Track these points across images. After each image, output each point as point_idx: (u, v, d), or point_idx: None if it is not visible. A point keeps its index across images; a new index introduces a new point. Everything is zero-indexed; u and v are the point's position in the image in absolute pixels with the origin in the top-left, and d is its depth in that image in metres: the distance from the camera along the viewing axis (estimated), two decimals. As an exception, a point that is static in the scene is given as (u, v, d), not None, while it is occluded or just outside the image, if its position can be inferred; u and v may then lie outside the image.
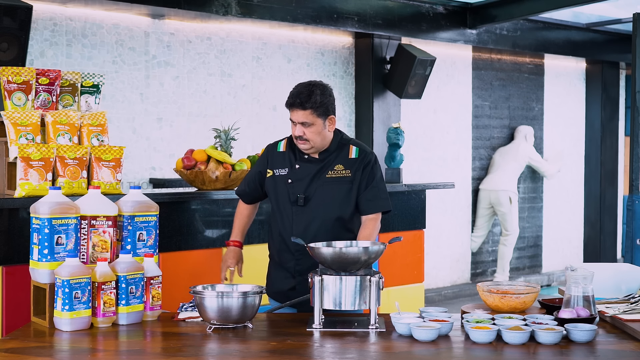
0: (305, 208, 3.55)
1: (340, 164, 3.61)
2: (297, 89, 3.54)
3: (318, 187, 3.56)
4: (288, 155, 3.65)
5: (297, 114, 3.52)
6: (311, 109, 3.50)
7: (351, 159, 3.62)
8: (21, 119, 3.63)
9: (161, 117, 7.01)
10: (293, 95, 3.53)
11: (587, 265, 3.55)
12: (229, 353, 2.77)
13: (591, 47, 10.03)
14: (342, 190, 3.57)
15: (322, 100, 3.52)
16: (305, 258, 3.51)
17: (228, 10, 6.70)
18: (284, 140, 3.72)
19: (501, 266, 9.44)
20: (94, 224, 3.25)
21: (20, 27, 5.47)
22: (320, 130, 3.55)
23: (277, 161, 3.66)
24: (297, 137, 3.55)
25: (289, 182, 3.59)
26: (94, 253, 3.24)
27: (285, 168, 3.63)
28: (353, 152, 3.65)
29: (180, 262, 4.16)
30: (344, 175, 3.59)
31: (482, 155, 9.55)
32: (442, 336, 2.91)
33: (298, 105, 3.51)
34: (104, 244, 3.26)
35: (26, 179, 3.54)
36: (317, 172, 3.58)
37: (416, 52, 7.99)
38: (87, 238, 3.23)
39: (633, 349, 2.74)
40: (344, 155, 3.63)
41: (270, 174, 3.65)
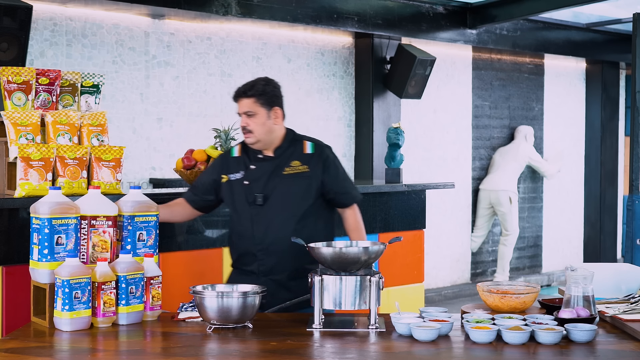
0: (265, 207, 3.55)
1: (297, 160, 3.61)
2: (247, 82, 3.63)
3: (276, 184, 3.56)
4: (242, 158, 3.66)
5: (241, 103, 3.57)
6: (254, 96, 3.55)
7: (307, 154, 3.64)
8: (21, 119, 3.63)
9: (161, 117, 7.01)
10: (238, 87, 3.60)
11: (587, 265, 3.55)
12: (229, 353, 2.77)
13: (591, 47, 10.03)
14: (301, 186, 3.57)
15: (264, 89, 3.58)
16: (268, 258, 3.53)
17: (228, 10, 6.70)
18: (238, 145, 3.73)
19: (501, 266, 9.44)
20: (94, 224, 3.25)
21: (20, 27, 5.48)
22: (264, 121, 3.57)
23: (232, 166, 3.66)
24: (242, 130, 3.58)
25: (246, 183, 3.59)
26: (94, 253, 3.24)
27: (240, 171, 3.63)
28: (308, 147, 3.66)
29: (180, 262, 4.16)
30: (302, 170, 3.60)
31: (482, 155, 9.55)
32: (442, 336, 2.91)
33: (242, 93, 3.56)
34: (104, 244, 3.26)
35: (26, 179, 3.54)
36: (274, 170, 3.58)
37: (416, 52, 7.99)
38: (87, 238, 3.23)
39: (633, 349, 2.74)
40: (299, 151, 3.64)
41: (225, 179, 3.65)
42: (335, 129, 8.11)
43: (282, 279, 3.56)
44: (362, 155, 8.20)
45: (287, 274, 3.56)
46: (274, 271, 3.56)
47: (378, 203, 5.16)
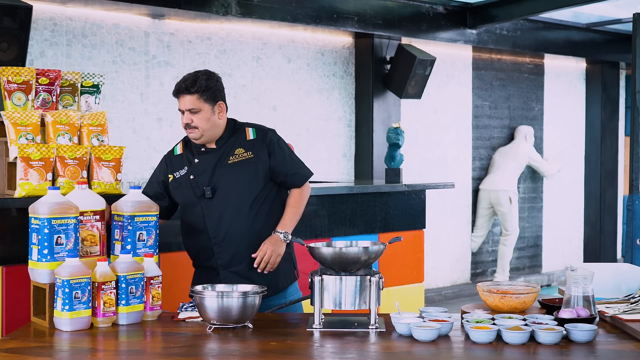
0: (215, 199, 3.52)
1: (240, 148, 3.57)
2: (183, 77, 3.54)
3: (222, 175, 3.53)
4: (185, 155, 3.63)
5: (183, 100, 3.50)
6: (197, 93, 3.48)
7: (250, 141, 3.60)
8: (21, 119, 3.63)
9: (161, 117, 7.01)
10: (178, 83, 3.52)
11: (587, 265, 3.55)
12: (229, 353, 2.77)
13: (591, 47, 10.03)
14: (248, 173, 3.54)
15: (208, 84, 3.51)
16: (225, 250, 3.50)
17: (228, 10, 6.70)
18: (180, 143, 3.70)
19: (501, 266, 9.44)
20: (82, 219, 3.25)
21: (20, 27, 5.48)
22: (209, 116, 3.52)
23: (176, 164, 3.64)
24: (185, 126, 3.53)
25: (191, 178, 3.56)
26: (83, 247, 3.25)
27: (184, 167, 3.60)
28: (250, 133, 3.62)
29: (180, 262, 4.16)
30: (246, 157, 3.56)
31: (482, 155, 9.55)
32: (442, 336, 2.91)
33: (184, 90, 3.49)
34: (92, 238, 3.27)
35: (26, 179, 3.54)
36: (218, 161, 3.55)
37: (416, 52, 7.99)
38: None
39: (633, 349, 2.74)
40: (242, 138, 3.60)
41: (171, 178, 3.63)
42: (335, 129, 8.11)
43: (241, 270, 3.52)
44: (362, 155, 8.20)
45: (246, 264, 3.51)
46: (233, 263, 3.53)
47: (378, 203, 5.16)
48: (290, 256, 3.68)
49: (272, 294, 3.54)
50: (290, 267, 3.68)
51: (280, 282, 3.61)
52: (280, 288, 3.61)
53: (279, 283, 3.60)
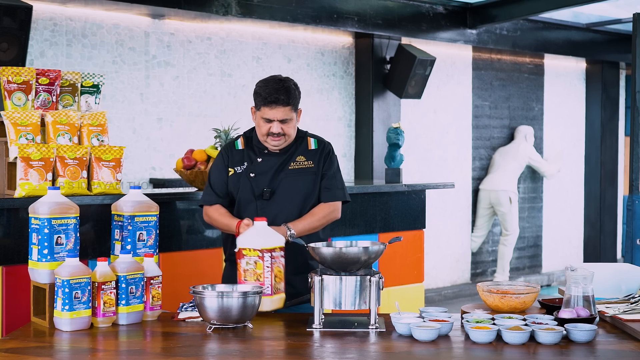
0: (271, 201, 3.52)
1: (302, 156, 3.59)
2: (273, 86, 3.47)
3: (282, 179, 3.54)
4: (247, 152, 3.61)
5: (277, 111, 3.46)
6: (292, 105, 3.49)
7: (311, 150, 3.62)
8: (21, 119, 3.63)
9: (161, 117, 7.01)
10: (272, 92, 3.46)
11: (587, 265, 3.55)
12: (229, 353, 2.77)
13: (591, 47, 10.03)
14: (307, 181, 3.55)
15: (298, 94, 3.53)
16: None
17: (228, 10, 6.70)
18: (240, 138, 3.67)
19: (501, 266, 9.44)
20: (273, 255, 3.24)
21: (20, 27, 5.48)
22: (295, 124, 3.55)
23: (236, 159, 3.60)
24: (271, 135, 3.49)
25: (252, 176, 3.55)
26: (275, 284, 3.24)
27: (244, 163, 3.58)
28: (312, 143, 3.65)
29: (180, 262, 4.16)
30: (307, 166, 3.58)
31: (482, 155, 9.55)
32: (442, 336, 2.91)
33: (282, 102, 3.45)
34: (280, 274, 3.26)
35: (26, 179, 3.54)
36: (280, 165, 3.55)
37: (416, 52, 7.99)
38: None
39: (633, 349, 2.74)
40: (304, 147, 3.62)
41: (232, 172, 3.59)
42: (335, 129, 8.11)
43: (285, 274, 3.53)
44: (362, 155, 8.20)
45: (290, 269, 3.50)
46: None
47: (378, 203, 5.16)
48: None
49: (307, 301, 3.52)
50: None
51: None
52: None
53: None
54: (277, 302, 3.25)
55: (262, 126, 3.51)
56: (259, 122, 3.52)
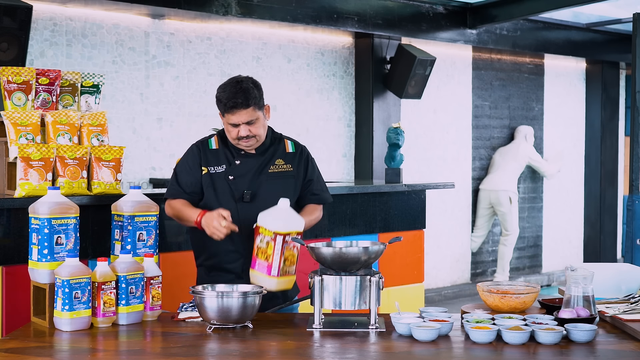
0: (252, 204, 3.47)
1: (280, 159, 3.58)
2: (230, 90, 3.42)
3: (262, 182, 3.51)
4: (222, 151, 3.55)
5: (240, 114, 3.41)
6: (253, 105, 3.42)
7: (289, 153, 3.62)
8: (21, 119, 3.63)
9: (161, 117, 7.01)
10: (230, 97, 3.40)
11: (587, 265, 3.55)
12: (229, 353, 2.77)
13: (591, 47, 10.03)
14: (287, 185, 3.54)
15: (258, 93, 3.46)
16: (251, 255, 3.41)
17: (228, 10, 6.70)
18: (214, 136, 3.61)
19: (501, 266, 9.44)
20: (288, 240, 3.27)
21: (20, 27, 5.48)
22: (263, 122, 3.50)
23: (211, 158, 3.54)
24: (240, 138, 3.46)
25: (230, 178, 3.50)
26: (284, 267, 3.26)
27: (222, 165, 3.52)
28: (289, 146, 3.64)
29: (180, 262, 4.16)
30: (287, 170, 3.57)
31: (482, 155, 9.55)
32: (442, 336, 2.91)
33: (241, 105, 3.39)
34: (292, 258, 3.29)
35: (26, 179, 3.54)
36: (259, 167, 3.52)
37: (416, 52, 7.99)
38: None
39: (633, 349, 2.74)
40: (282, 149, 3.61)
41: (205, 171, 3.52)
42: (335, 129, 8.11)
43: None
44: (362, 155, 8.20)
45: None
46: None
47: (378, 203, 5.16)
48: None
49: (281, 302, 3.51)
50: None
51: (290, 293, 3.56)
52: (289, 298, 3.57)
53: (288, 293, 3.55)
54: (283, 284, 3.28)
55: (230, 131, 3.47)
56: (227, 127, 3.48)
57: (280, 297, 3.52)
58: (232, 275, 3.49)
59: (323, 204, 3.72)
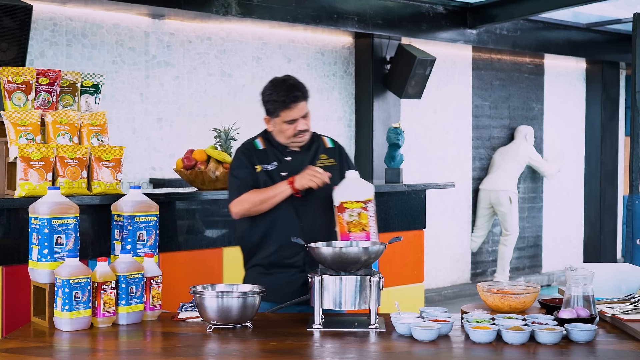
0: (306, 198, 3.52)
1: (323, 154, 3.65)
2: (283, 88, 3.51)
3: None
4: (270, 150, 3.61)
5: (299, 107, 3.51)
6: (306, 97, 3.55)
7: (330, 149, 3.70)
8: (21, 119, 3.63)
9: (161, 117, 7.01)
10: (288, 93, 3.49)
11: (587, 265, 3.55)
12: (229, 353, 2.77)
13: (591, 47, 10.03)
14: (335, 178, 3.56)
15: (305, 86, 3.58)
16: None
17: (228, 10, 6.70)
18: (259, 138, 3.68)
19: (501, 266, 9.44)
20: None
21: (20, 27, 5.47)
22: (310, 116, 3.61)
23: (261, 157, 3.59)
24: (298, 133, 3.53)
25: (284, 174, 3.55)
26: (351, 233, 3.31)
27: (272, 162, 3.58)
28: (328, 142, 3.72)
29: (180, 262, 4.16)
30: (331, 164, 3.64)
31: (482, 155, 9.55)
32: (442, 336, 2.91)
33: (301, 97, 3.51)
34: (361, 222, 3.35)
35: (26, 179, 3.54)
36: (308, 162, 3.58)
37: (416, 52, 7.99)
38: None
39: (633, 349, 2.74)
40: (322, 145, 3.69)
41: (259, 168, 3.58)
42: (335, 129, 8.11)
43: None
44: (362, 155, 8.20)
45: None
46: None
47: (378, 203, 5.13)
48: None
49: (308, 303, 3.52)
50: None
51: None
52: None
53: None
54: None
55: (286, 130, 3.54)
56: (282, 127, 3.54)
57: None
58: (294, 270, 3.52)
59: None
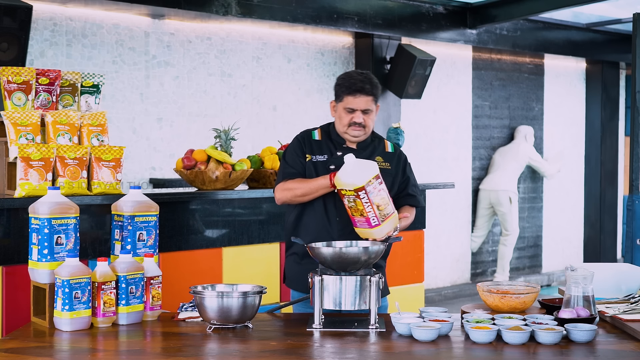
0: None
1: (380, 156, 3.62)
2: (356, 77, 3.51)
3: None
4: (325, 143, 3.62)
5: (361, 99, 3.50)
6: (374, 95, 3.53)
7: (389, 153, 3.68)
8: (21, 119, 3.63)
9: (161, 117, 7.01)
10: (358, 81, 3.50)
11: (587, 265, 3.55)
12: (229, 353, 2.77)
13: (591, 47, 10.03)
14: (385, 183, 3.51)
15: (379, 89, 3.57)
16: (351, 239, 3.38)
17: (228, 10, 6.70)
18: (317, 129, 3.70)
19: (501, 266, 9.44)
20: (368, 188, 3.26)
21: (20, 27, 5.48)
22: (374, 117, 3.58)
23: (315, 148, 3.61)
24: (353, 125, 3.52)
25: (331, 167, 3.53)
26: (380, 213, 3.26)
27: (324, 155, 3.59)
28: (389, 146, 3.70)
29: (180, 262, 4.16)
30: (385, 167, 3.60)
31: (482, 155, 9.55)
32: (442, 336, 2.91)
33: (367, 91, 3.50)
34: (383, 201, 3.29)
35: (26, 179, 3.54)
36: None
37: (416, 52, 7.99)
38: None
39: (633, 349, 2.74)
40: (382, 148, 3.66)
41: (309, 158, 3.59)
42: (335, 129, 8.10)
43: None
44: (362, 155, 8.19)
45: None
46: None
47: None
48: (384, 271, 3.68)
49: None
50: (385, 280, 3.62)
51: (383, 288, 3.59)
52: (383, 293, 3.60)
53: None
54: (388, 226, 3.29)
55: (343, 117, 3.55)
56: (341, 113, 3.55)
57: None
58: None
59: (416, 206, 3.72)
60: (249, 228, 4.41)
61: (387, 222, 3.29)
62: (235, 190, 4.39)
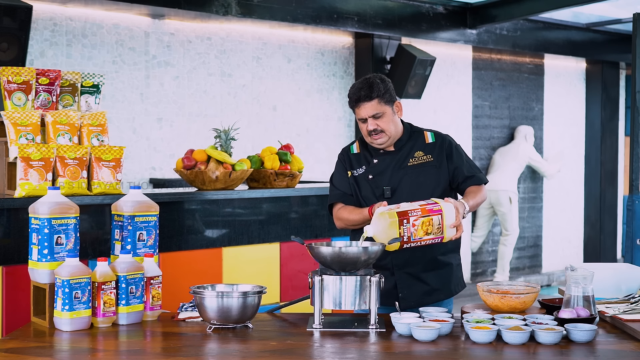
0: (393, 199, 3.47)
1: (419, 151, 3.57)
2: (356, 86, 3.52)
3: (402, 176, 3.52)
4: (363, 154, 3.62)
5: (365, 107, 3.48)
6: (377, 97, 3.47)
7: (429, 144, 3.59)
8: (21, 119, 3.63)
9: (161, 117, 7.01)
10: (353, 92, 3.50)
11: (587, 265, 3.55)
12: (229, 353, 2.77)
13: (591, 47, 10.04)
14: (428, 175, 3.52)
15: (384, 87, 3.50)
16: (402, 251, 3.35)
17: (228, 10, 6.70)
18: (355, 142, 3.69)
19: (501, 266, 9.44)
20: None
21: (20, 27, 5.48)
22: (392, 117, 3.52)
23: (354, 162, 3.62)
24: (371, 133, 3.51)
25: (370, 177, 3.55)
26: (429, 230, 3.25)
27: (362, 166, 3.59)
28: (429, 137, 3.62)
29: (180, 262, 4.16)
30: (427, 160, 3.56)
31: (482, 155, 9.55)
32: (442, 336, 2.91)
33: (364, 98, 3.47)
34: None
35: (26, 179, 3.54)
36: (397, 163, 3.54)
37: (416, 52, 7.99)
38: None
39: (633, 349, 2.74)
40: (421, 141, 3.60)
41: (349, 174, 3.61)
42: (335, 129, 8.11)
43: (416, 271, 3.50)
44: (362, 155, 8.20)
45: (421, 266, 3.50)
46: (409, 264, 3.49)
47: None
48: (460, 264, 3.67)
49: (444, 297, 3.55)
50: (461, 274, 3.66)
51: (453, 287, 3.60)
52: (452, 292, 3.60)
53: (451, 287, 3.59)
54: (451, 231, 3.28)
55: (362, 128, 3.55)
56: (360, 126, 3.57)
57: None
58: (385, 272, 3.48)
59: (480, 184, 3.60)
60: (249, 228, 4.41)
61: (446, 230, 3.27)
62: (235, 190, 4.39)
